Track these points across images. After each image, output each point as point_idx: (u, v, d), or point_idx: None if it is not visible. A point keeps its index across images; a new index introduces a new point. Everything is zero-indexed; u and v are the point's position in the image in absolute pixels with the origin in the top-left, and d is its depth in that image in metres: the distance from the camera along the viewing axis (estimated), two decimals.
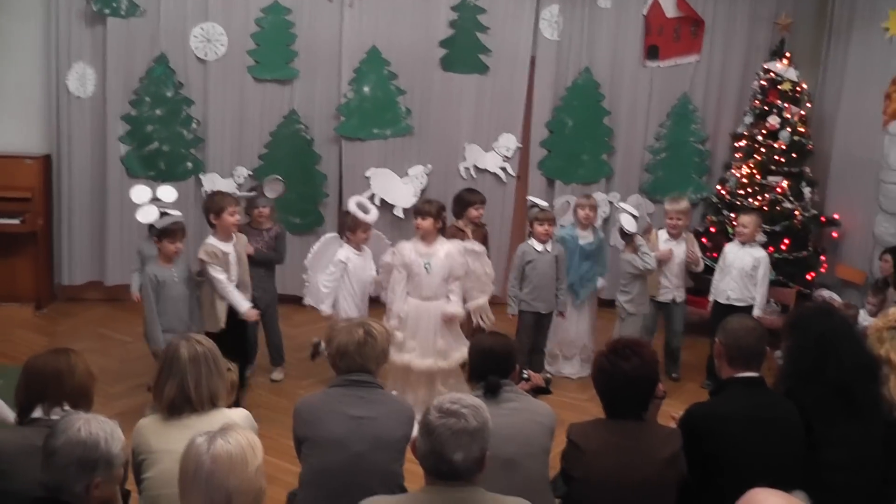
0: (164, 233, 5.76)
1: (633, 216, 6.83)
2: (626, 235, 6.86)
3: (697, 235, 8.33)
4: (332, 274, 6.47)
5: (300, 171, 8.48)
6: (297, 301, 7.16)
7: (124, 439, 2.90)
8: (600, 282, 7.28)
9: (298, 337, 7.63)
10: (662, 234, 7.27)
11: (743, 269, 6.96)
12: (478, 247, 6.41)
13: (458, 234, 6.89)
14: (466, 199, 7.14)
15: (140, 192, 5.92)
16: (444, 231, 6.51)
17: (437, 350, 6.17)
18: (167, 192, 6.03)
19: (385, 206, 8.50)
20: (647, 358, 3.61)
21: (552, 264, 6.74)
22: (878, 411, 3.99)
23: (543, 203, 6.96)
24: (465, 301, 6.43)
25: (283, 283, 7.35)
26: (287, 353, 7.16)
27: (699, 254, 7.29)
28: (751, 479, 2.47)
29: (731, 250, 7.12)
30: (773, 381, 4.12)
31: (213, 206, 6.02)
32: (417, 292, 6.21)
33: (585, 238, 7.13)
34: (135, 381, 6.45)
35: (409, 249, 6.24)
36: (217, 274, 5.90)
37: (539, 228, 6.69)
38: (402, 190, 8.61)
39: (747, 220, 7.05)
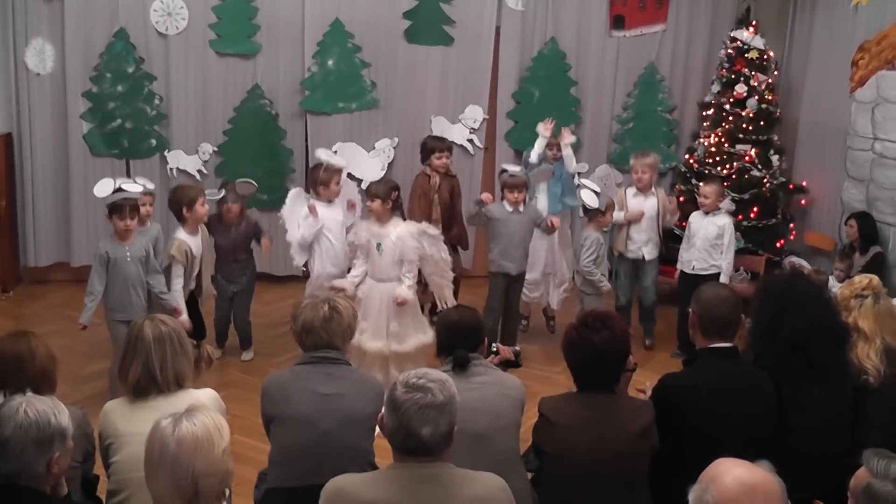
0: (112, 208, 5.66)
1: (595, 192, 6.82)
2: (588, 211, 6.83)
3: None
4: (309, 227, 6.34)
5: (265, 147, 8.42)
6: (267, 279, 7.11)
7: (67, 410, 2.88)
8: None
9: (269, 315, 7.60)
10: (630, 191, 7.26)
11: (707, 238, 6.98)
12: (432, 230, 6.28)
13: (424, 181, 6.83)
14: (429, 146, 7.09)
15: (103, 187, 5.79)
16: (402, 210, 6.49)
17: (391, 333, 6.10)
18: (130, 186, 5.89)
19: (352, 181, 8.43)
20: (617, 330, 3.60)
21: (524, 226, 6.67)
22: (845, 376, 4.01)
23: (514, 168, 6.85)
24: (426, 286, 6.44)
25: (259, 261, 7.26)
26: (258, 332, 7.14)
27: (674, 206, 7.29)
28: (722, 450, 2.46)
29: (695, 220, 7.14)
30: (743, 346, 4.13)
31: (184, 198, 6.04)
32: (371, 272, 6.18)
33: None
34: (104, 364, 6.35)
35: (365, 229, 6.22)
36: (178, 272, 6.01)
37: (509, 196, 6.62)
38: (369, 164, 8.54)
39: (708, 189, 7.06)
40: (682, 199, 8.44)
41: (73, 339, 7.01)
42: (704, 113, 8.74)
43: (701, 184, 7.35)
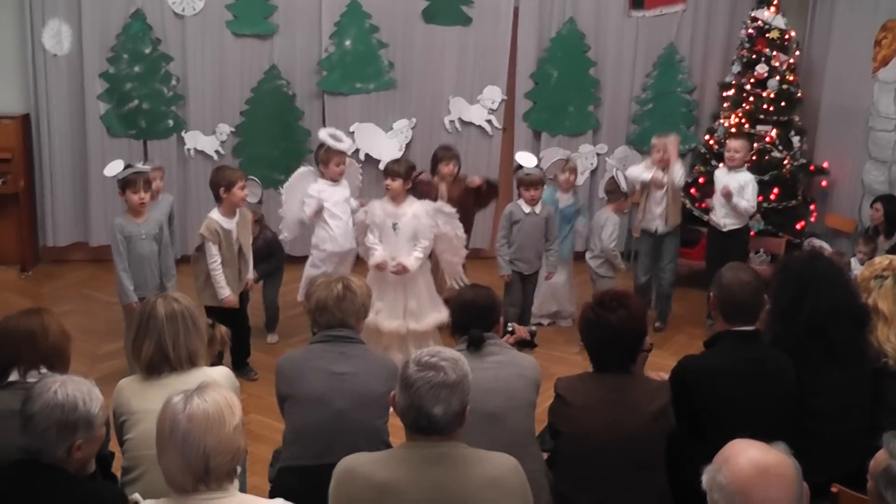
0: (125, 183, 5.67)
1: (624, 176, 6.82)
2: (611, 193, 6.80)
3: (686, 186, 8.28)
4: (307, 207, 6.38)
5: (282, 128, 8.41)
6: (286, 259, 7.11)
7: (103, 398, 2.85)
8: (580, 223, 7.25)
9: (286, 294, 7.56)
10: (647, 163, 7.19)
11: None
12: (448, 208, 6.32)
13: (427, 187, 6.81)
14: (437, 156, 7.02)
15: (114, 168, 5.83)
16: (415, 189, 6.50)
17: (409, 311, 6.15)
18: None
19: (370, 161, 8.42)
20: (634, 310, 3.56)
21: (539, 227, 6.62)
22: (864, 359, 3.96)
23: (530, 164, 6.63)
24: (437, 264, 6.46)
25: None
26: None
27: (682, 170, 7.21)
28: (740, 433, 2.44)
29: (719, 175, 7.15)
30: (763, 327, 4.09)
31: (223, 179, 5.88)
32: (386, 252, 6.18)
33: (565, 201, 7.12)
34: (121, 343, 6.37)
35: (379, 209, 6.25)
36: (212, 251, 5.81)
37: (526, 194, 6.55)
38: (386, 144, 8.51)
39: (738, 144, 7.03)
40: (701, 180, 8.37)
41: (91, 318, 7.10)
42: (725, 94, 8.65)
43: (730, 140, 7.25)
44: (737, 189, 6.93)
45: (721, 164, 7.42)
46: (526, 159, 6.62)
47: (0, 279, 7.95)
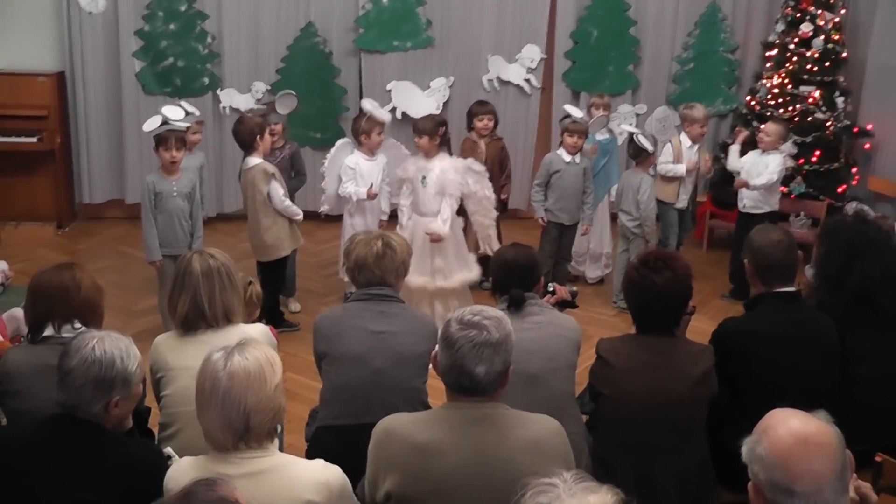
0: (158, 140, 5.65)
1: (645, 136, 6.77)
2: (639, 154, 6.70)
3: (725, 147, 8.15)
4: (346, 181, 6.35)
5: (319, 86, 8.34)
6: (320, 217, 7.08)
7: (140, 356, 2.83)
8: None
9: (323, 253, 7.59)
10: (685, 141, 7.04)
11: (756, 176, 6.80)
12: (478, 166, 6.28)
13: (471, 146, 6.78)
14: (471, 111, 7.00)
15: (152, 122, 5.81)
16: (449, 145, 6.44)
17: (435, 269, 6.12)
18: (173, 111, 5.88)
19: (407, 120, 8.33)
20: (679, 271, 3.48)
21: (579, 176, 6.58)
22: None
23: (578, 114, 6.74)
24: (468, 224, 6.41)
25: (304, 200, 7.19)
26: (311, 270, 7.19)
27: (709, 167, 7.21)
28: (781, 397, 2.39)
29: (750, 158, 6.96)
30: (806, 292, 4.02)
31: (256, 128, 5.92)
32: (416, 207, 6.21)
33: (602, 133, 7.12)
34: (156, 299, 6.40)
35: (412, 164, 6.29)
36: (278, 188, 5.87)
37: (569, 140, 6.52)
38: (424, 103, 8.39)
39: (772, 128, 6.87)
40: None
41: (126, 275, 7.11)
42: (767, 53, 8.48)
43: (767, 123, 7.12)
44: (758, 170, 6.80)
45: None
46: (574, 110, 6.66)
47: (37, 236, 7.98)
